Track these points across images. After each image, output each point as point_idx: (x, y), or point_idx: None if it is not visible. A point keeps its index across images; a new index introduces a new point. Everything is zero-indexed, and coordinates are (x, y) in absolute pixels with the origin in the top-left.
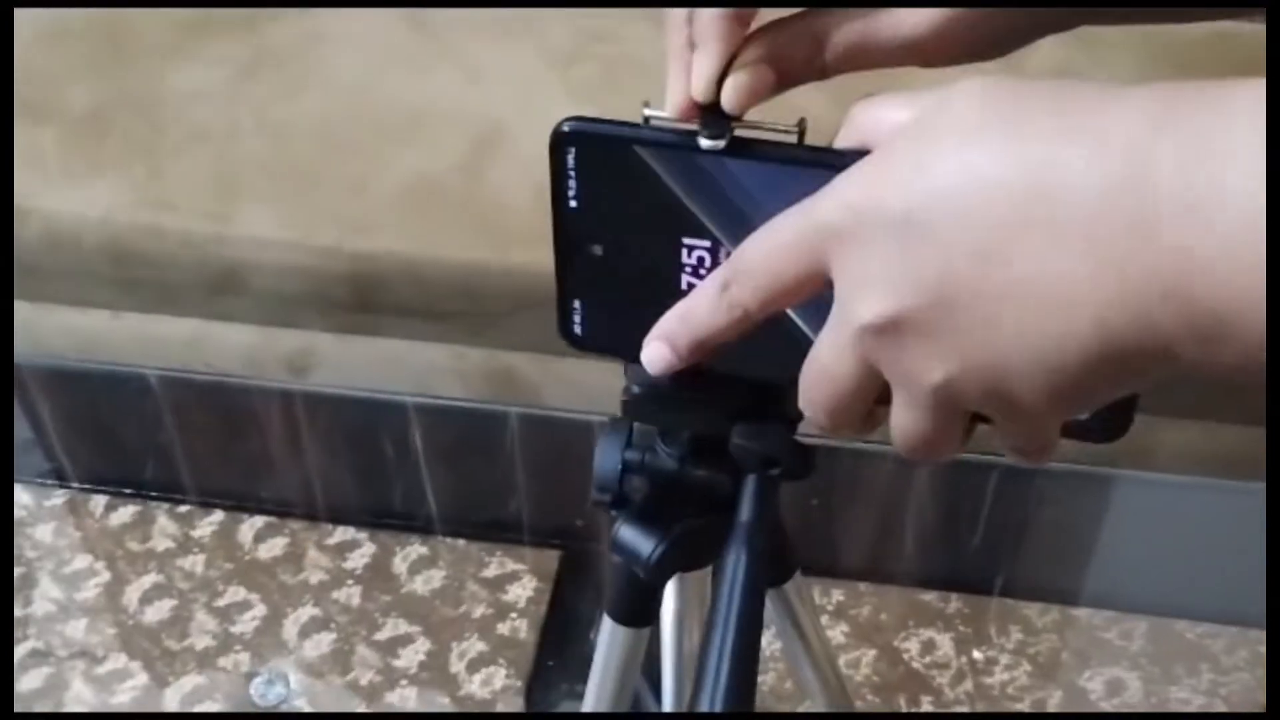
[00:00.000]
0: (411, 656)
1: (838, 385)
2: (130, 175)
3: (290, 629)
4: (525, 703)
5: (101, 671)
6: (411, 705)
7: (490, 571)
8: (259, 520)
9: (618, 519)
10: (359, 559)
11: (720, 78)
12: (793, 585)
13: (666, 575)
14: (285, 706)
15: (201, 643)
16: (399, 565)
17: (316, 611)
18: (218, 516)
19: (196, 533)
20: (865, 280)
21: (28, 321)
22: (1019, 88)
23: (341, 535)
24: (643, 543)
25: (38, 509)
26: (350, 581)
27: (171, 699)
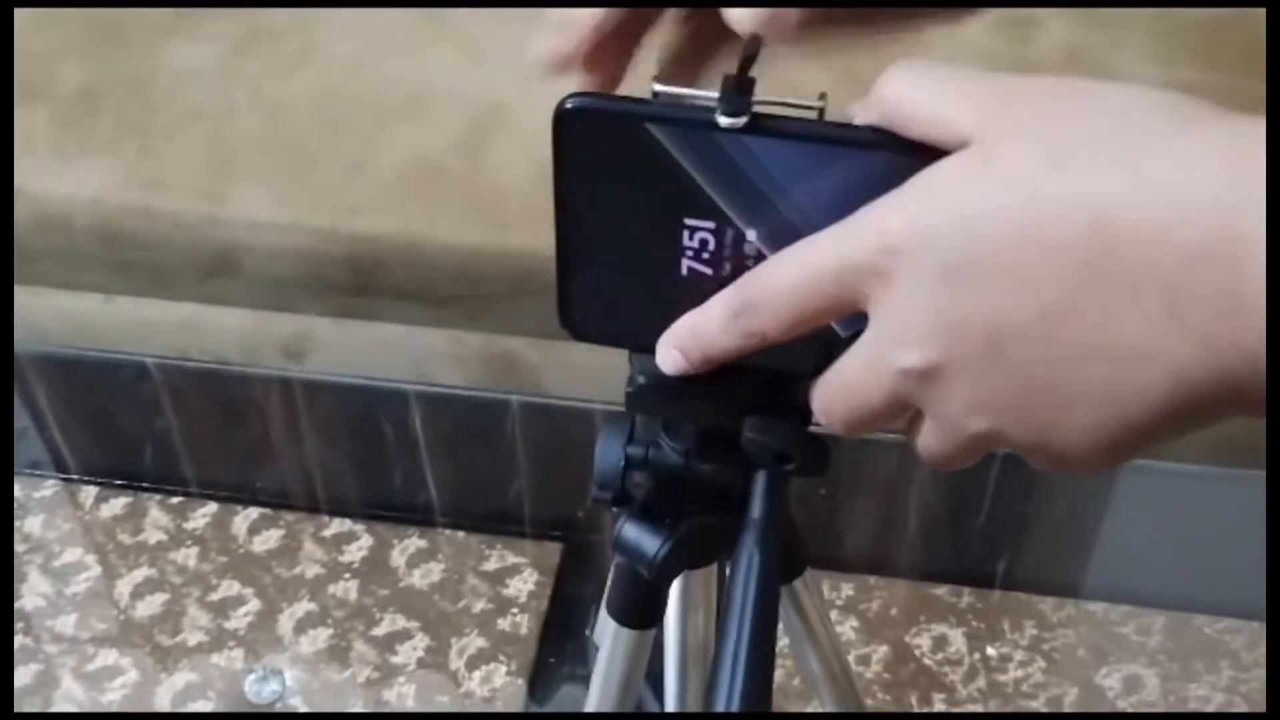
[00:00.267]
0: (410, 653)
1: (864, 405)
2: (122, 155)
3: (285, 624)
4: (526, 701)
5: (92, 668)
6: (410, 703)
7: (491, 565)
8: (253, 512)
9: (620, 517)
10: (356, 552)
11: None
12: (802, 582)
13: (673, 575)
14: (280, 704)
15: (195, 638)
16: (397, 558)
17: (312, 606)
18: (211, 508)
19: (189, 525)
20: (908, 327)
21: (19, 305)
22: (1085, 107)
23: (338, 527)
24: (647, 541)
25: (27, 501)
26: (347, 575)
27: (164, 696)
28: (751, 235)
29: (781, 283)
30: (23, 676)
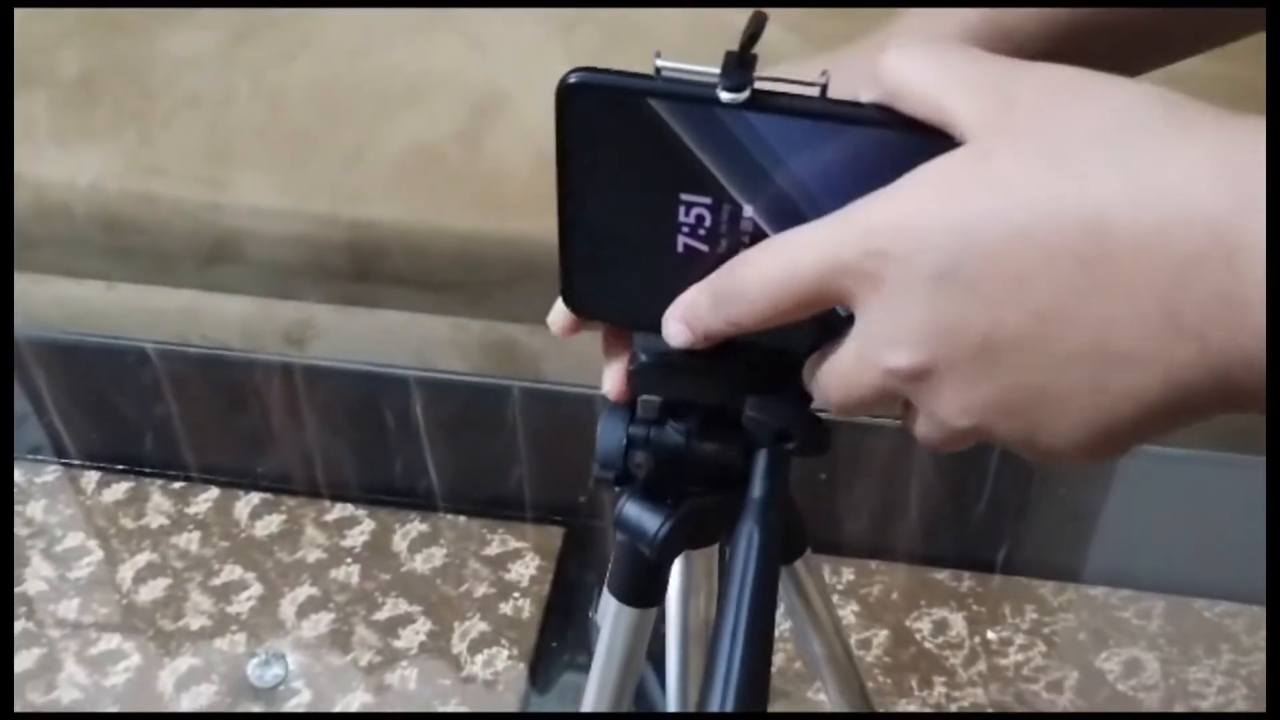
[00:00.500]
0: (412, 637)
1: (855, 394)
2: (122, 142)
3: (288, 608)
4: (528, 684)
5: (95, 652)
6: (412, 686)
7: (492, 549)
8: (255, 497)
9: (622, 496)
10: (358, 537)
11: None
12: (803, 563)
13: (673, 553)
14: (283, 688)
15: (197, 622)
16: (399, 543)
17: (314, 591)
18: (213, 493)
19: (191, 510)
20: (897, 328)
21: (20, 292)
22: (1086, 104)
23: (340, 512)
24: (648, 520)
25: (29, 486)
26: (349, 560)
27: (167, 680)
28: (749, 212)
29: (760, 277)
30: (25, 661)
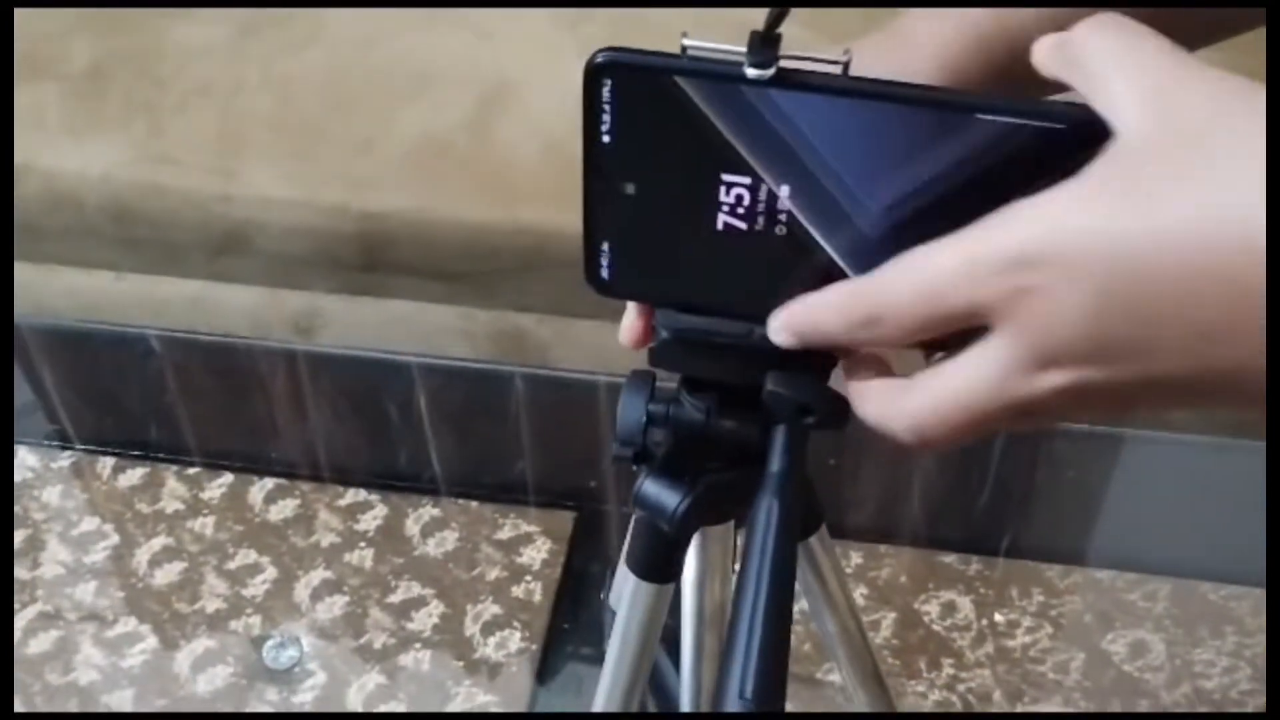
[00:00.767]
0: (425, 619)
1: (983, 422)
2: (132, 132)
3: (302, 592)
4: (539, 666)
5: (111, 634)
6: (425, 668)
7: (504, 533)
8: (269, 482)
9: (640, 473)
10: (370, 521)
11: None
12: (818, 539)
13: (692, 529)
14: (298, 669)
15: (212, 605)
16: (411, 527)
17: (328, 574)
18: (227, 478)
19: (206, 494)
20: (1059, 344)
21: (30, 283)
22: (1245, 117)
23: (352, 497)
24: (667, 496)
25: (44, 470)
26: (362, 544)
27: (183, 662)
28: (783, 191)
29: (909, 293)
30: (43, 644)
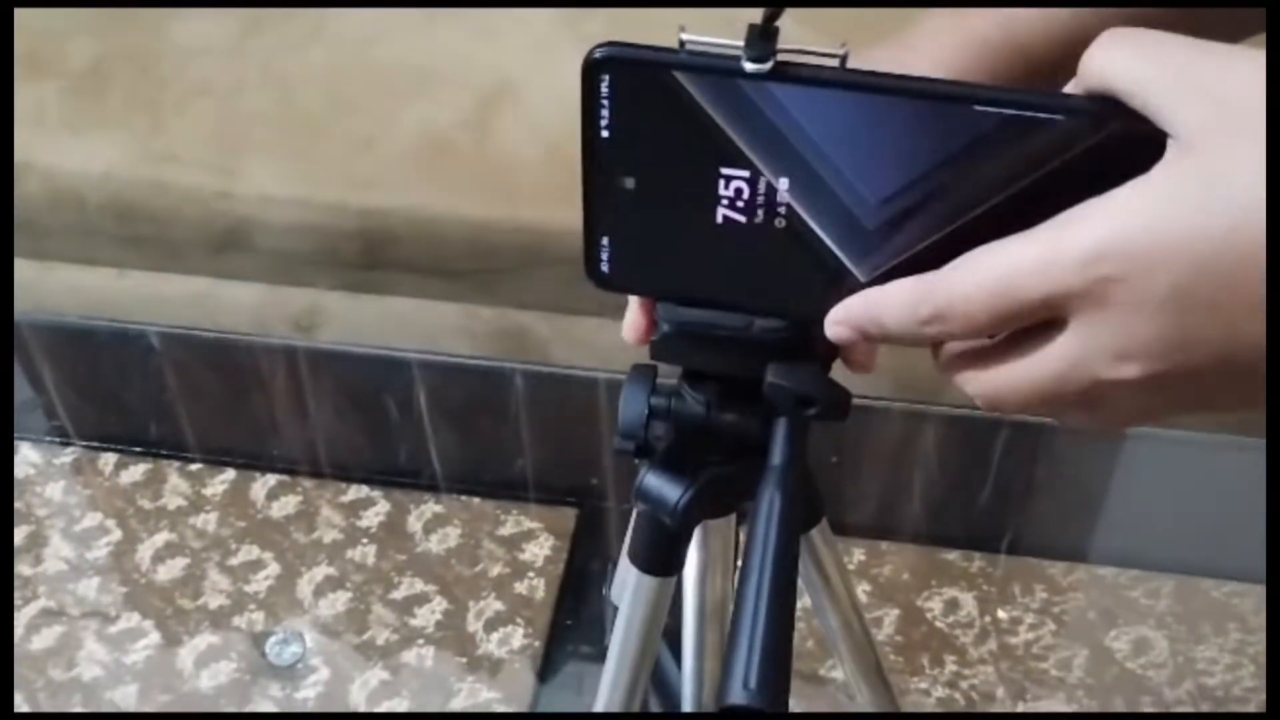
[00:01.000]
0: (428, 616)
1: (1054, 401)
2: (133, 130)
3: (305, 588)
4: (542, 663)
5: (114, 630)
6: (429, 664)
7: (506, 530)
8: (271, 479)
9: (642, 467)
10: (373, 517)
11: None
12: (819, 533)
13: (694, 522)
14: (301, 665)
15: (215, 602)
16: (414, 524)
17: (331, 570)
18: (229, 475)
19: (208, 491)
20: (1127, 344)
21: (32, 280)
22: None
23: (355, 493)
24: (669, 490)
25: (46, 467)
26: (365, 540)
27: (186, 658)
28: (782, 184)
29: (979, 303)
30: (46, 640)
